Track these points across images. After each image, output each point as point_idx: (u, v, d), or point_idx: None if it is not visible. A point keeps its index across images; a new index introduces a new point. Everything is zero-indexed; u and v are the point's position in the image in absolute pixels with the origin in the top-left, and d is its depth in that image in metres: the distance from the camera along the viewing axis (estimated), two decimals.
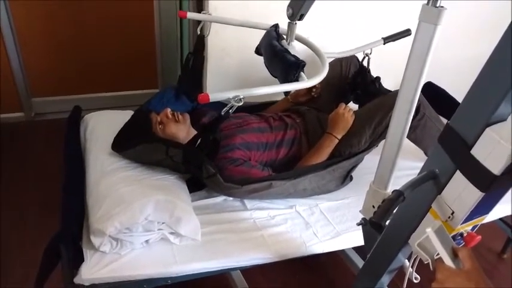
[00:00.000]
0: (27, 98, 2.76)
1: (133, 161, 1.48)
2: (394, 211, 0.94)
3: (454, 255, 0.82)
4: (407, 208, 0.94)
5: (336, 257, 1.78)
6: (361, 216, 1.24)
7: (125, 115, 1.67)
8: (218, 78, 2.08)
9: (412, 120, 1.07)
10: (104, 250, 1.23)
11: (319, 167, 1.57)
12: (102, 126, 1.64)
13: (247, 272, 1.65)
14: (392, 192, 0.84)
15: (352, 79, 1.90)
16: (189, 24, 2.38)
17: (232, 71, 2.13)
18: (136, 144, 1.44)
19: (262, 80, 2.17)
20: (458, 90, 1.34)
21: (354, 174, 1.69)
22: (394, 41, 1.79)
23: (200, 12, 1.69)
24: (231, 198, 1.56)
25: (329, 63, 1.30)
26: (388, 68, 1.85)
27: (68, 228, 1.23)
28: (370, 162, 1.63)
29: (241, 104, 1.14)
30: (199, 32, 1.68)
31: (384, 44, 1.79)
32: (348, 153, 1.61)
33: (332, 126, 1.62)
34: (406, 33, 1.76)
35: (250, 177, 1.49)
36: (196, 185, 1.53)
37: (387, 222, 1.07)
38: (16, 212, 2.07)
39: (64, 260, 1.20)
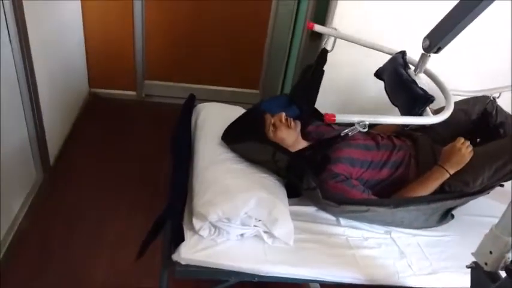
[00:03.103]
0: (141, 79, 2.99)
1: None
2: None
3: None
4: None
5: None
6: (464, 257, 1.15)
7: (235, 110, 1.74)
8: (324, 93, 2.07)
9: None
10: (203, 234, 1.29)
11: (422, 200, 1.48)
12: (214, 117, 1.71)
13: (327, 286, 1.62)
14: None
15: (476, 120, 1.75)
16: (302, 34, 2.41)
17: (338, 89, 2.11)
18: (247, 140, 1.48)
19: (368, 103, 2.14)
20: None
21: (454, 212, 1.58)
22: None
23: (323, 24, 1.70)
24: (323, 211, 1.54)
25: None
26: None
27: (176, 205, 1.30)
28: (472, 202, 1.55)
29: (365, 130, 1.13)
30: (323, 46, 1.70)
31: None
32: (460, 190, 1.51)
33: (445, 158, 1.53)
34: None
35: (348, 197, 1.46)
36: (294, 191, 1.54)
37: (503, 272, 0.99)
38: (117, 181, 2.25)
39: (166, 235, 1.27)
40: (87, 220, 2.02)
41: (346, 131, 1.21)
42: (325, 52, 1.70)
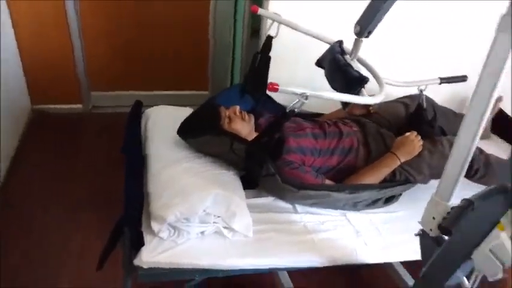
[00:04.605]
0: (86, 90, 2.91)
1: (194, 152, 1.53)
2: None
3: None
4: (475, 221, 0.93)
5: (383, 272, 1.76)
6: (413, 229, 1.23)
7: (185, 111, 1.74)
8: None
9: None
10: (162, 236, 1.29)
11: (375, 186, 1.59)
12: (164, 120, 1.71)
13: (294, 274, 1.67)
14: (462, 200, 0.84)
15: (412, 114, 1.87)
16: (243, 28, 2.44)
17: (285, 75, 2.16)
18: (203, 133, 1.50)
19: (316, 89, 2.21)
20: None
21: None
22: (449, 83, 1.82)
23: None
24: (281, 200, 1.59)
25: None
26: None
27: (132, 212, 1.30)
28: None
29: (306, 101, 1.18)
30: (267, 33, 1.72)
31: (440, 84, 1.80)
32: (405, 179, 1.63)
33: (398, 147, 1.63)
34: (462, 79, 1.81)
35: (303, 182, 1.51)
36: (249, 183, 1.57)
37: (446, 237, 1.07)
38: (70, 199, 2.18)
39: (126, 241, 1.26)
40: (47, 234, 1.96)
41: (290, 106, 1.26)
42: (269, 38, 1.73)
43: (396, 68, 1.90)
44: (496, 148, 1.99)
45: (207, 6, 2.76)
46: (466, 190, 1.01)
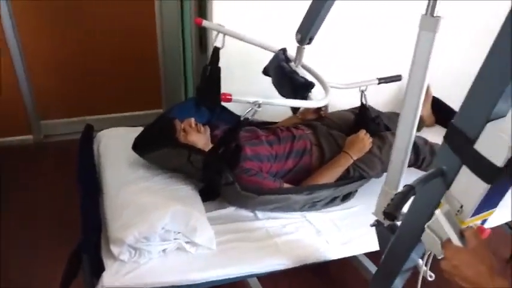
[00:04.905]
0: (36, 120, 2.82)
1: (149, 170, 1.53)
2: (407, 209, 1.00)
3: (461, 235, 0.87)
4: (418, 204, 0.99)
5: (350, 265, 1.81)
6: (370, 221, 1.28)
7: (137, 131, 1.72)
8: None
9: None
10: (123, 259, 1.27)
11: (331, 186, 1.64)
12: (116, 142, 1.70)
13: (264, 279, 1.68)
14: (404, 186, 0.89)
15: (358, 113, 1.96)
16: (192, 41, 2.46)
17: (240, 85, 2.19)
18: (160, 147, 1.50)
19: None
20: None
21: None
22: (387, 82, 1.93)
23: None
24: (242, 209, 1.60)
25: None
26: None
27: (89, 238, 1.27)
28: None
29: (259, 109, 1.22)
30: (213, 44, 1.75)
31: (378, 84, 1.91)
32: (359, 175, 1.70)
33: (349, 146, 1.70)
34: (397, 78, 1.93)
35: (262, 188, 1.54)
36: (209, 194, 1.58)
37: (399, 223, 1.13)
38: (29, 232, 2.10)
39: (86, 268, 1.24)
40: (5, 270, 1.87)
41: (244, 114, 1.30)
42: (216, 50, 1.76)
43: (338, 71, 2.00)
44: (441, 137, 2.09)
45: (153, 23, 2.76)
46: None
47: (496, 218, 1.47)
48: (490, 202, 0.90)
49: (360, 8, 2.17)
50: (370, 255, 1.65)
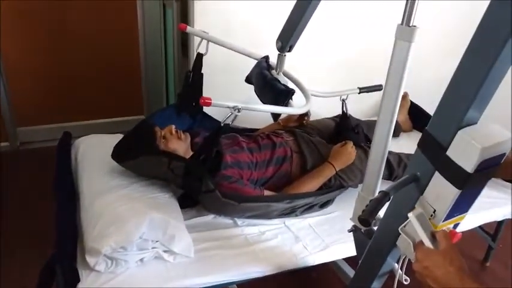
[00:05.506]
0: (12, 127, 2.76)
1: (127, 178, 1.50)
2: (382, 214, 1.01)
3: (433, 237, 0.89)
4: (393, 209, 1.00)
5: (329, 271, 1.81)
6: (348, 227, 1.29)
7: (116, 138, 1.70)
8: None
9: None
10: (99, 269, 1.24)
11: (311, 194, 1.65)
12: (94, 149, 1.67)
13: (244, 286, 1.67)
14: (379, 192, 0.90)
15: (339, 122, 1.99)
16: (174, 46, 2.45)
17: (221, 92, 2.19)
18: (140, 155, 1.47)
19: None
20: None
21: None
22: (368, 92, 1.95)
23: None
24: (221, 216, 1.59)
25: None
26: None
27: (63, 249, 1.24)
28: None
29: (239, 114, 1.23)
30: (196, 51, 1.75)
31: (359, 93, 1.93)
32: (339, 184, 1.72)
33: (336, 157, 1.71)
34: (378, 87, 1.94)
35: (243, 195, 1.53)
36: (188, 202, 1.57)
37: (376, 228, 1.14)
38: (5, 240, 2.05)
39: (59, 280, 1.21)
40: None
41: (224, 119, 1.30)
42: (200, 56, 1.76)
43: (321, 80, 2.03)
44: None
45: (135, 27, 2.75)
46: None
47: (469, 222, 1.50)
48: (461, 207, 0.91)
49: (342, 17, 2.20)
50: (348, 260, 1.66)
